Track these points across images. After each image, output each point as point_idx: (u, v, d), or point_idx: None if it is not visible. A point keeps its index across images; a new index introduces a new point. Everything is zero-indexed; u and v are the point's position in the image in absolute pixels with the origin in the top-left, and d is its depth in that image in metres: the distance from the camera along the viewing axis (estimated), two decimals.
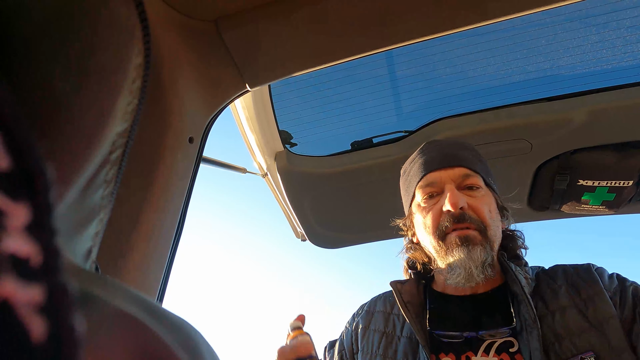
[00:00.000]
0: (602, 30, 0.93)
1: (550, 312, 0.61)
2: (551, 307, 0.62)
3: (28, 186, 0.10)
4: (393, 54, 1.04)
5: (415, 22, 0.66)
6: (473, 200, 0.68)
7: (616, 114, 1.00)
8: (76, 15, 0.17)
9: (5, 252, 0.09)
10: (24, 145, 0.10)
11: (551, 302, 0.62)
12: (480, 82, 1.08)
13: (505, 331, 0.62)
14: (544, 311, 0.62)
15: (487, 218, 0.67)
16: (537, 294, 0.64)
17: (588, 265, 0.68)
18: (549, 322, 0.60)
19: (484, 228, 0.66)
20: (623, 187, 1.11)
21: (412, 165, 0.78)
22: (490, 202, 0.70)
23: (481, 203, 0.68)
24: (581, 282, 0.64)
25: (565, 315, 0.60)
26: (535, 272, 0.70)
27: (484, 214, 0.67)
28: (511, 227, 0.77)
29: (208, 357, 0.20)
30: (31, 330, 0.09)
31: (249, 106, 1.01)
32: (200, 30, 0.65)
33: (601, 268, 0.67)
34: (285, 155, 1.20)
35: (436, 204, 0.69)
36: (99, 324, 0.15)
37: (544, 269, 0.71)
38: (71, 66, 0.17)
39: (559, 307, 0.61)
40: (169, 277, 0.64)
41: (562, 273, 0.67)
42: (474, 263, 0.63)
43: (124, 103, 0.21)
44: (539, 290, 0.65)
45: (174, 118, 0.64)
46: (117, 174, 0.24)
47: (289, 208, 1.39)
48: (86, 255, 0.22)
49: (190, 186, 0.70)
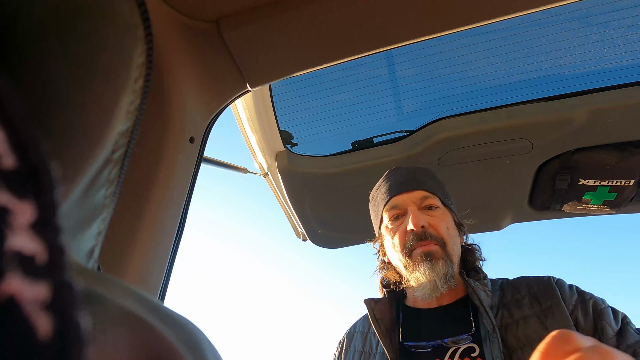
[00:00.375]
0: (603, 29, 0.93)
1: (515, 321, 0.67)
2: (515, 317, 0.68)
3: (33, 184, 0.10)
4: (393, 54, 1.04)
5: (415, 22, 0.66)
6: (432, 219, 0.77)
7: (617, 113, 1.00)
8: (80, 14, 0.17)
9: (11, 250, 0.09)
10: (29, 143, 0.10)
11: (515, 312, 0.68)
12: (481, 81, 1.08)
13: (467, 337, 0.68)
14: (509, 320, 0.68)
15: (445, 235, 0.76)
16: (502, 304, 0.71)
17: (549, 277, 0.74)
18: (513, 331, 0.66)
19: (443, 243, 0.75)
20: (624, 186, 1.11)
21: (378, 192, 0.88)
22: (448, 220, 0.80)
23: (439, 221, 0.77)
24: (541, 293, 0.70)
25: (528, 324, 0.65)
26: (500, 283, 0.78)
27: (442, 230, 0.76)
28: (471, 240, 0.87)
29: (210, 356, 0.20)
30: (37, 327, 0.09)
31: (249, 106, 1.01)
32: (201, 31, 0.66)
33: (561, 280, 0.74)
34: (285, 155, 1.20)
35: (401, 224, 0.78)
36: (103, 323, 0.15)
37: (509, 280, 0.78)
38: (75, 65, 0.17)
39: (522, 316, 0.67)
40: (170, 276, 0.64)
41: (526, 284, 0.74)
42: (437, 276, 0.71)
43: (127, 102, 0.21)
44: (504, 300, 0.72)
45: (174, 118, 0.64)
46: (120, 174, 0.24)
47: (290, 208, 1.39)
48: (89, 254, 0.23)
49: (191, 186, 0.70)
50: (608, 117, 1.01)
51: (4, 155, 0.10)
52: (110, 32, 0.19)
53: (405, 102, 1.17)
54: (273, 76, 0.74)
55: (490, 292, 0.73)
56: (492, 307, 0.70)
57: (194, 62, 0.68)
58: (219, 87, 0.74)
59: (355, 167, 1.23)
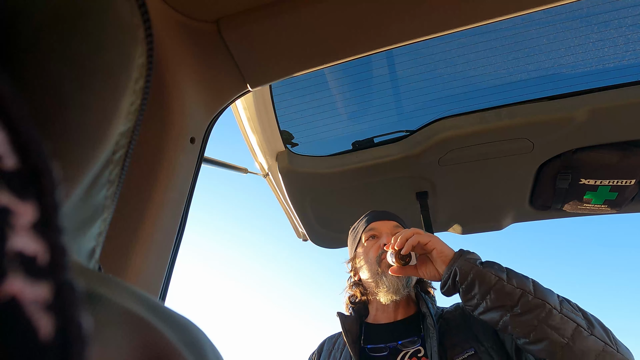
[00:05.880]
0: (604, 28, 0.93)
1: (450, 329, 0.87)
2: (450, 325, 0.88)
3: (34, 185, 0.10)
4: (393, 54, 1.04)
5: (415, 22, 0.66)
6: None
7: (618, 112, 1.00)
8: (80, 15, 0.17)
9: (13, 251, 0.09)
10: (30, 144, 0.10)
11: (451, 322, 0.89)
12: (481, 81, 1.08)
13: (416, 340, 0.86)
14: (446, 327, 0.87)
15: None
16: (442, 318, 0.91)
17: None
18: (447, 335, 0.85)
19: None
20: (625, 185, 1.11)
21: (358, 224, 1.10)
22: None
23: None
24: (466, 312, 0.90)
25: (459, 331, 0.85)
26: (442, 308, 0.98)
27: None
28: None
29: (211, 356, 0.20)
30: (39, 327, 0.09)
31: (250, 106, 1.01)
32: (201, 31, 0.66)
33: None
34: (286, 155, 1.20)
35: (376, 242, 0.99)
36: (104, 323, 0.15)
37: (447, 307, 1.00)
38: (76, 65, 0.17)
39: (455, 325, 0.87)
40: (171, 276, 0.64)
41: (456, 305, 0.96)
42: (400, 283, 0.92)
43: (128, 103, 0.21)
44: (445, 315, 0.92)
45: (175, 118, 0.64)
46: (120, 174, 0.24)
47: (290, 208, 1.39)
48: (90, 254, 0.23)
49: (191, 186, 0.70)
50: (609, 117, 1.01)
51: (6, 156, 0.10)
52: (111, 32, 0.19)
53: (406, 102, 1.17)
54: (273, 76, 0.74)
55: (436, 307, 0.96)
56: (434, 316, 0.89)
57: (195, 63, 0.68)
58: (219, 88, 0.74)
59: (355, 167, 1.23)
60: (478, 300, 0.74)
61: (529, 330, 0.68)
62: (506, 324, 0.71)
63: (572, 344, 0.65)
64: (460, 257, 0.79)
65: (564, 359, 0.65)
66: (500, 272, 0.75)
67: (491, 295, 0.72)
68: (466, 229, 1.47)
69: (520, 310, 0.69)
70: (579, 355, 0.64)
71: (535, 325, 0.68)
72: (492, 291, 0.72)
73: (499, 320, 0.72)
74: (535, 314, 0.68)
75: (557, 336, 0.66)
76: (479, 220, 1.42)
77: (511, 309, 0.70)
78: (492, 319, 0.73)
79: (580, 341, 0.65)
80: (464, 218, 1.44)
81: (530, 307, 0.69)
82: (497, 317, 0.72)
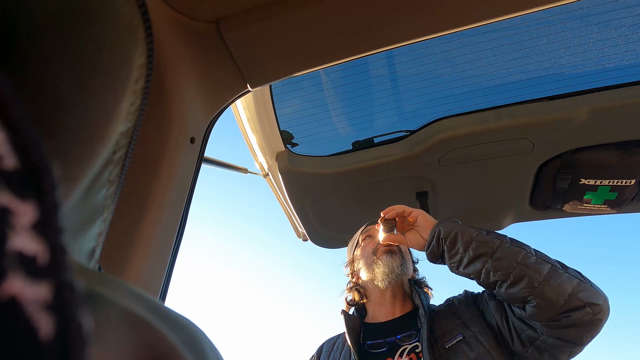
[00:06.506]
0: (604, 28, 0.93)
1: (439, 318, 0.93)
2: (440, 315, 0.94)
3: (34, 185, 0.10)
4: (393, 53, 1.04)
5: (415, 22, 0.66)
6: None
7: (618, 112, 1.00)
8: (80, 15, 0.17)
9: (13, 251, 0.09)
10: (30, 144, 0.10)
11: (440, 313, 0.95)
12: (481, 81, 1.08)
13: (414, 333, 0.91)
14: (436, 318, 0.93)
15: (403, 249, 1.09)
16: (434, 311, 0.97)
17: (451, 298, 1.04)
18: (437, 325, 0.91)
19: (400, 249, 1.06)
20: (625, 185, 1.11)
21: (357, 232, 1.19)
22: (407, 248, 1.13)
23: None
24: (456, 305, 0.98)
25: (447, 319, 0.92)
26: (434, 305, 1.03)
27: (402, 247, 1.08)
28: None
29: (211, 356, 0.20)
30: (39, 327, 0.09)
31: (250, 106, 1.01)
32: (201, 31, 0.66)
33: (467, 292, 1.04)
34: (286, 155, 1.20)
35: (372, 240, 1.09)
36: (104, 323, 0.15)
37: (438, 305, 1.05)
38: (76, 65, 0.17)
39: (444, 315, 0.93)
40: (171, 276, 0.64)
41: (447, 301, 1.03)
42: (394, 263, 1.01)
43: (128, 103, 0.21)
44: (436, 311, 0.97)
45: (175, 118, 0.64)
46: (120, 174, 0.24)
47: (290, 208, 1.39)
48: (90, 254, 0.23)
49: (191, 186, 0.70)
50: (609, 117, 1.01)
51: (6, 156, 0.10)
52: (111, 33, 0.19)
53: (406, 102, 1.17)
54: (273, 76, 0.74)
55: (428, 304, 1.01)
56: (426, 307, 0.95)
57: (195, 63, 0.68)
58: (219, 88, 0.74)
59: (355, 167, 1.23)
60: (461, 254, 0.82)
61: (509, 271, 0.76)
62: (488, 271, 0.78)
63: (549, 279, 0.73)
64: (443, 220, 0.88)
65: (543, 293, 0.72)
66: (478, 229, 0.84)
67: (473, 245, 0.80)
68: None
69: (500, 255, 0.78)
70: (557, 288, 0.72)
71: (514, 267, 0.76)
72: (474, 241, 0.80)
73: (481, 268, 0.79)
74: (513, 257, 0.77)
75: (534, 274, 0.74)
76: (479, 220, 1.42)
77: (491, 255, 0.78)
78: (475, 270, 0.80)
79: (556, 277, 0.73)
80: (464, 218, 1.43)
81: (509, 253, 0.78)
82: (480, 265, 0.79)
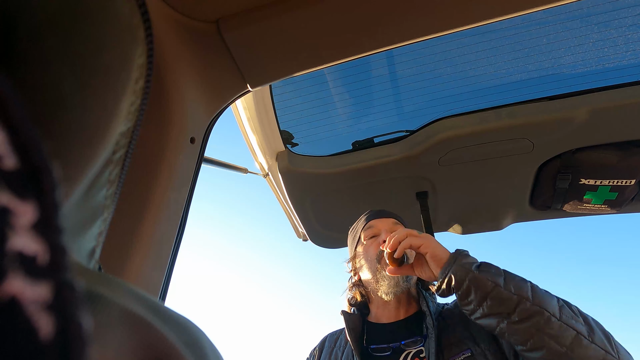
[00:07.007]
0: (604, 28, 0.93)
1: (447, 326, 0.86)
2: (448, 322, 0.87)
3: (34, 185, 0.10)
4: (393, 53, 1.04)
5: (415, 22, 0.66)
6: None
7: (618, 112, 1.00)
8: (80, 15, 0.17)
9: (13, 250, 0.09)
10: (30, 144, 0.10)
11: (449, 320, 0.88)
12: (481, 81, 1.08)
13: (419, 339, 0.85)
14: (444, 324, 0.87)
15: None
16: (441, 316, 0.90)
17: None
18: (445, 334, 0.84)
19: None
20: (625, 185, 1.11)
21: (358, 222, 1.09)
22: None
23: None
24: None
25: (456, 330, 0.84)
26: (442, 305, 0.97)
27: None
28: None
29: (211, 356, 0.20)
30: (39, 327, 0.09)
31: (250, 106, 1.01)
32: (201, 31, 0.66)
33: None
34: (286, 155, 1.20)
35: (375, 240, 0.98)
36: (104, 323, 0.15)
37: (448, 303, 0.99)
38: (77, 65, 0.17)
39: (452, 323, 0.87)
40: (171, 276, 0.64)
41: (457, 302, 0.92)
42: (401, 276, 0.91)
43: (128, 103, 0.21)
44: (444, 314, 0.91)
45: (175, 118, 0.64)
46: (120, 174, 0.24)
47: (290, 208, 1.39)
48: (90, 254, 0.23)
49: (191, 186, 0.70)
50: (609, 117, 1.01)
51: (5, 156, 0.10)
52: (111, 33, 0.19)
53: (406, 102, 1.17)
54: (273, 76, 0.74)
55: (436, 304, 0.95)
56: (434, 314, 0.88)
57: (195, 63, 0.68)
58: (219, 88, 0.74)
59: (355, 167, 1.23)
60: (475, 306, 0.73)
61: (526, 338, 0.67)
62: (503, 331, 0.70)
63: (571, 353, 0.63)
64: (454, 261, 0.76)
65: None
66: (497, 276, 0.72)
67: (488, 302, 0.71)
68: (466, 229, 1.47)
69: (518, 318, 0.67)
70: None
71: (533, 334, 0.66)
72: (489, 298, 0.70)
73: (496, 326, 0.71)
74: (533, 321, 0.66)
75: (555, 345, 0.64)
76: (479, 220, 1.42)
77: (508, 316, 0.68)
78: (489, 325, 0.72)
79: (580, 350, 0.63)
80: (464, 218, 1.44)
81: (528, 315, 0.67)
82: (494, 323, 0.71)
